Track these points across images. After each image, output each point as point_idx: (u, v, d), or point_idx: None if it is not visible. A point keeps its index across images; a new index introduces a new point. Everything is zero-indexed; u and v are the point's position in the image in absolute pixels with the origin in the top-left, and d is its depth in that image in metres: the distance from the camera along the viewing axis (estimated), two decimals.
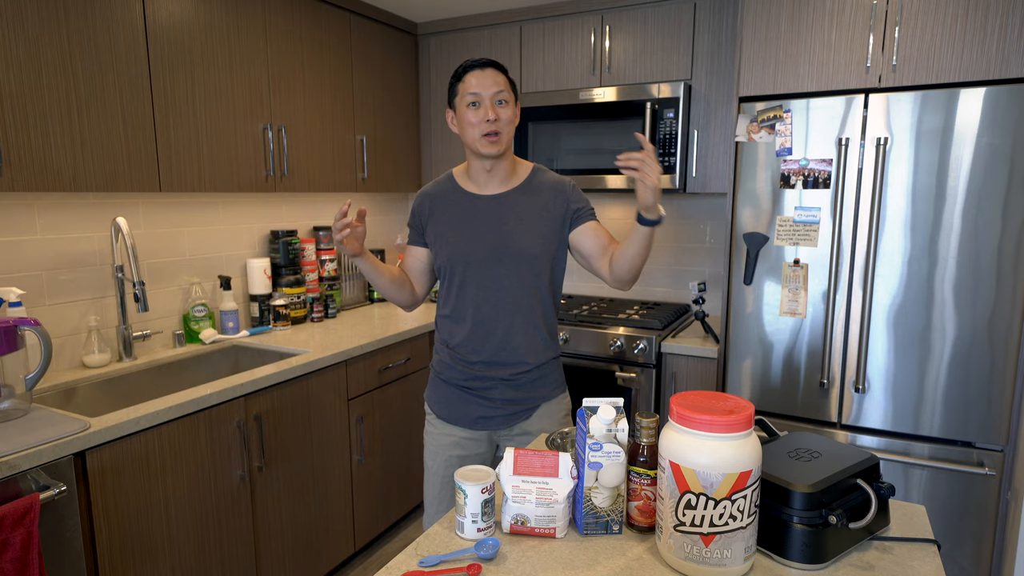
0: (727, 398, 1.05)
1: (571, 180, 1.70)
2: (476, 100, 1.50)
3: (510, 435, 1.67)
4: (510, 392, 1.63)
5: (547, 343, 1.65)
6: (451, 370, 1.66)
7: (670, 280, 3.10)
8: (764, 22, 2.16)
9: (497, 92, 1.51)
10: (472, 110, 1.51)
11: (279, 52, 2.44)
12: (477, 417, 1.65)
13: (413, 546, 1.12)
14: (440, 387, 1.70)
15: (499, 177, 1.61)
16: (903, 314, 2.06)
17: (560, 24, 2.85)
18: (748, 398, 2.33)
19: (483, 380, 1.63)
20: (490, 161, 1.56)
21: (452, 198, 1.63)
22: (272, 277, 2.74)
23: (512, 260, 1.58)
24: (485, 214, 1.60)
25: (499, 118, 1.50)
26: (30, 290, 2.00)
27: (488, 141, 1.51)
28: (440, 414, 1.69)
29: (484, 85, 1.50)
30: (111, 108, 1.89)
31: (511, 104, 1.54)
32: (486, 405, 1.64)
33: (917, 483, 2.09)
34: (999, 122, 1.87)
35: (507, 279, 1.59)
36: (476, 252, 1.58)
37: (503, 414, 1.65)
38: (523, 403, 1.65)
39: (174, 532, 1.79)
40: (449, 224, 1.61)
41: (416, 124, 3.27)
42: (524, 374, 1.63)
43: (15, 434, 1.51)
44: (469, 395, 1.65)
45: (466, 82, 1.51)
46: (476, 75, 1.50)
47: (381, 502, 2.62)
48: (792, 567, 1.04)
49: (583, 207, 1.62)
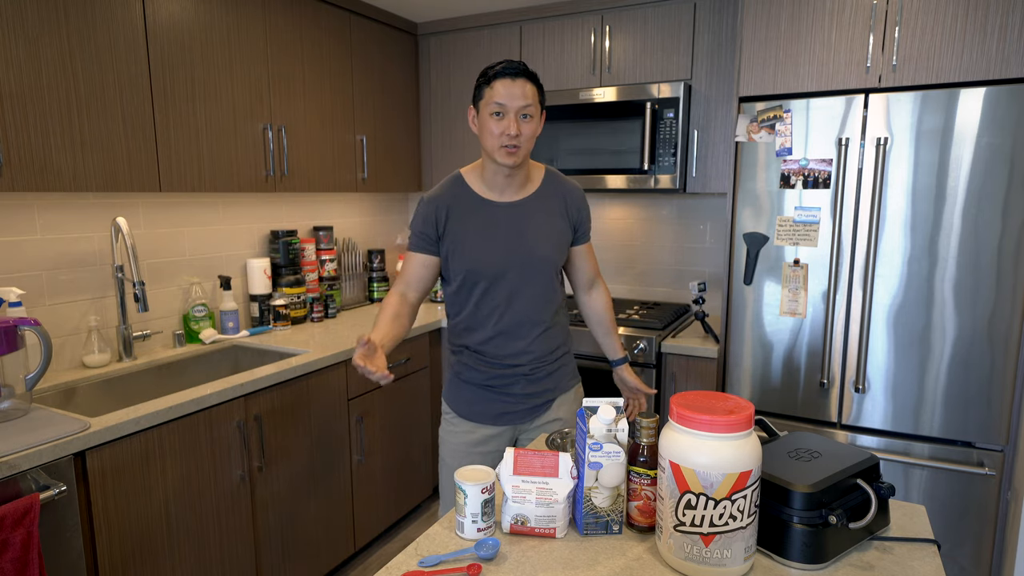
0: (727, 398, 1.05)
1: (582, 189, 1.72)
2: (501, 111, 1.46)
3: (531, 428, 1.71)
4: (530, 387, 1.66)
5: (563, 338, 1.72)
6: (472, 371, 1.68)
7: (670, 280, 3.10)
8: (764, 22, 2.16)
9: (524, 106, 1.46)
10: (495, 120, 1.47)
11: (279, 52, 2.44)
12: (500, 413, 1.67)
13: (413, 546, 1.12)
14: (461, 387, 1.70)
15: (516, 184, 1.60)
16: (903, 314, 2.06)
17: (560, 24, 2.85)
18: (748, 398, 2.33)
19: (505, 378, 1.65)
20: (507, 169, 1.55)
21: (470, 205, 1.59)
22: (272, 277, 2.74)
23: (533, 268, 1.59)
24: (505, 222, 1.58)
25: (521, 133, 1.46)
26: (30, 290, 2.00)
27: (506, 152, 1.48)
28: (462, 413, 1.70)
29: (512, 96, 1.45)
30: (111, 108, 1.89)
31: (535, 118, 1.50)
32: (507, 401, 1.67)
33: (917, 483, 2.09)
34: (999, 122, 1.87)
35: (529, 286, 1.60)
36: (499, 261, 1.57)
37: (524, 408, 1.68)
38: (542, 396, 1.69)
39: (174, 532, 1.79)
40: (469, 232, 1.57)
41: (416, 124, 3.27)
42: (542, 367, 1.67)
43: (15, 434, 1.51)
44: (491, 393, 1.67)
45: (494, 89, 1.46)
46: (506, 84, 1.45)
47: (381, 502, 2.62)
48: (792, 567, 1.04)
49: (587, 225, 1.71)
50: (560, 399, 1.72)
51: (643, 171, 2.62)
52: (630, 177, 2.66)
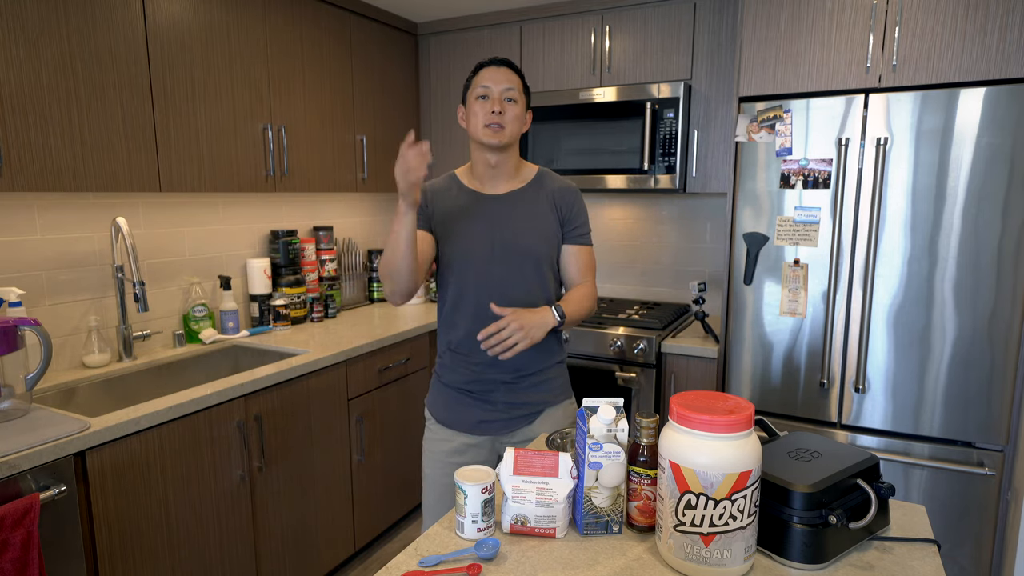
0: (727, 398, 1.05)
1: (577, 188, 1.69)
2: (485, 94, 1.53)
3: (511, 441, 1.65)
4: (511, 396, 1.62)
5: (551, 347, 1.65)
6: (452, 373, 1.64)
7: (670, 280, 3.10)
8: (764, 22, 2.16)
9: (507, 89, 1.53)
10: (480, 103, 1.53)
11: (279, 52, 2.44)
12: (478, 421, 1.62)
13: (413, 546, 1.12)
14: (441, 391, 1.68)
15: (504, 175, 1.61)
16: (903, 314, 2.06)
17: (560, 24, 2.85)
18: (748, 398, 2.33)
19: (484, 383, 1.61)
20: (494, 155, 1.56)
21: (455, 194, 1.62)
22: (272, 277, 2.74)
23: (515, 259, 1.57)
24: (489, 212, 1.59)
25: (504, 112, 1.52)
26: (30, 290, 2.00)
27: (491, 131, 1.52)
28: (440, 419, 1.66)
29: (496, 80, 1.53)
30: (111, 108, 1.89)
31: (520, 104, 1.56)
32: (487, 408, 1.62)
33: (917, 483, 2.09)
34: (999, 122, 1.87)
35: (510, 278, 1.58)
36: (479, 250, 1.57)
37: (504, 418, 1.62)
38: (525, 407, 1.63)
39: (174, 532, 1.79)
40: (452, 220, 1.60)
41: (416, 124, 3.27)
42: (526, 378, 1.62)
43: (15, 434, 1.51)
44: (470, 398, 1.63)
45: (480, 76, 1.55)
46: (490, 71, 1.54)
47: (381, 502, 2.62)
48: (792, 567, 1.04)
49: (580, 226, 1.63)
50: (546, 413, 1.64)
51: (643, 171, 2.62)
52: (630, 177, 2.66)
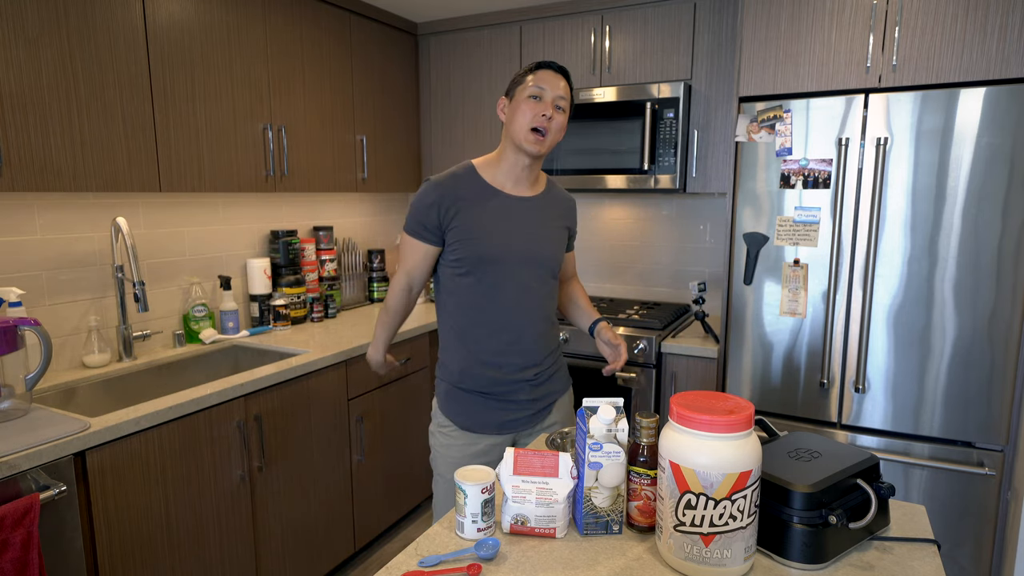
0: (727, 398, 1.05)
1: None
2: (539, 95, 1.51)
3: (531, 434, 1.69)
4: (533, 392, 1.66)
5: (558, 339, 1.75)
6: (471, 378, 1.61)
7: (670, 280, 3.10)
8: (764, 22, 2.16)
9: (560, 97, 1.53)
10: (531, 102, 1.51)
11: (279, 52, 2.44)
12: (504, 422, 1.63)
13: (413, 546, 1.12)
14: (459, 397, 1.63)
15: (531, 178, 1.61)
16: (903, 314, 2.06)
17: (560, 24, 2.85)
18: (748, 398, 2.33)
19: (506, 384, 1.61)
20: (530, 160, 1.56)
21: (482, 194, 1.55)
22: (272, 277, 2.74)
23: (539, 264, 1.60)
24: (518, 216, 1.58)
25: (553, 119, 1.52)
26: (30, 290, 2.00)
27: (535, 138, 1.51)
28: (463, 424, 1.63)
29: (553, 85, 1.52)
30: (111, 108, 1.89)
31: (565, 115, 1.56)
32: (511, 408, 1.63)
33: (917, 483, 2.09)
34: (999, 122, 1.87)
35: (535, 283, 1.60)
36: (510, 254, 1.55)
37: (528, 414, 1.66)
38: (543, 400, 1.68)
39: (174, 532, 1.79)
40: (481, 222, 1.53)
41: (416, 124, 3.27)
42: (544, 372, 1.67)
43: (15, 434, 1.51)
44: (491, 400, 1.62)
45: (538, 75, 1.52)
46: (549, 74, 1.53)
47: (381, 502, 2.62)
48: (792, 567, 1.04)
49: (575, 234, 1.79)
50: (559, 402, 1.73)
51: (643, 171, 2.62)
52: (630, 177, 2.66)
